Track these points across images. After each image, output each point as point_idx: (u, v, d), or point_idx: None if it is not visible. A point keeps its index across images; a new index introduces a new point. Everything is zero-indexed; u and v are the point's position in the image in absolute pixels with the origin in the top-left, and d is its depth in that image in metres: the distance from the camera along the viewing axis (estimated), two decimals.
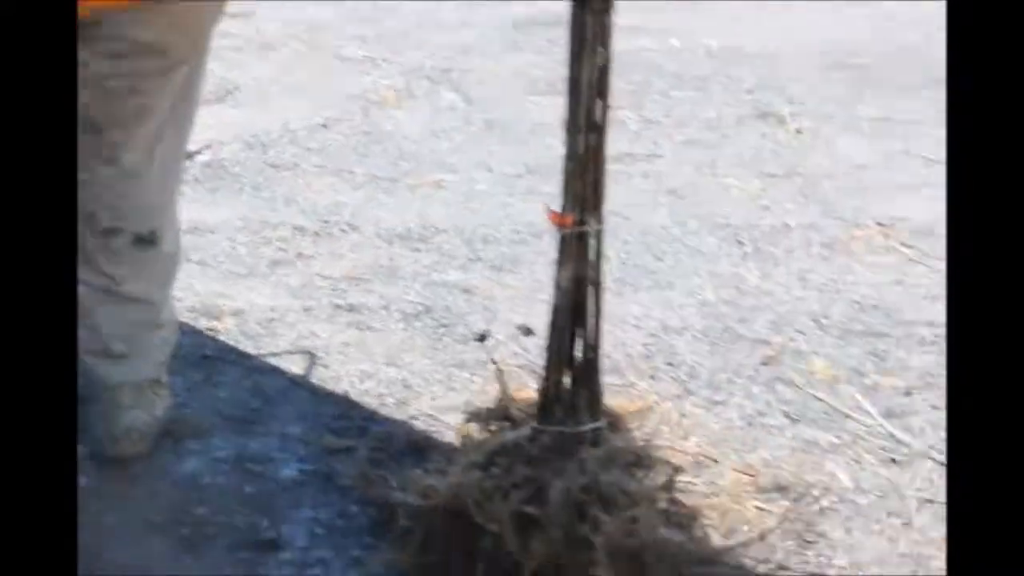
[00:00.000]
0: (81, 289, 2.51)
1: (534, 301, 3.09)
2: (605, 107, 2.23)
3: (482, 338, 2.93)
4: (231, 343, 2.87)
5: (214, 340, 2.87)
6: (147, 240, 2.48)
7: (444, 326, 2.97)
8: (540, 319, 2.99)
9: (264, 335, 2.91)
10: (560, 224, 2.24)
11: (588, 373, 2.28)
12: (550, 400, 2.28)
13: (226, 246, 3.30)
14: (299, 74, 4.52)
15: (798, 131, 4.10)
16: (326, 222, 3.45)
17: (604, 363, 2.74)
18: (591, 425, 2.26)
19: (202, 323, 2.93)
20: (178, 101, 2.43)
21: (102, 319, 2.50)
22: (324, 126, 4.09)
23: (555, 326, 2.29)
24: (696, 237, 3.40)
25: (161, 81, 2.36)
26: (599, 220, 2.24)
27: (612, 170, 3.79)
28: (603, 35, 2.21)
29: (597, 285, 2.28)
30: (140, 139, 2.39)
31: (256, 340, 2.88)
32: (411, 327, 2.97)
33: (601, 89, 2.22)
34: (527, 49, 4.88)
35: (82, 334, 2.54)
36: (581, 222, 2.23)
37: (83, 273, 2.50)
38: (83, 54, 2.30)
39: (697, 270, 3.22)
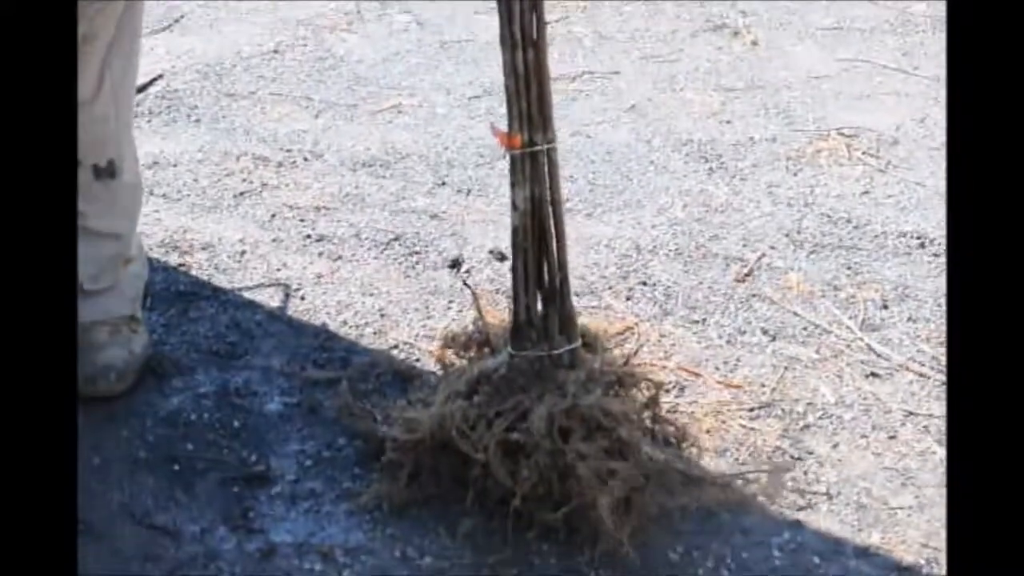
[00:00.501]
0: None
1: (503, 225, 3.08)
2: (541, 21, 2.18)
3: (455, 264, 2.92)
4: (204, 278, 2.84)
5: (186, 275, 2.84)
6: (106, 171, 2.46)
7: (416, 253, 2.96)
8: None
9: (236, 268, 2.88)
10: (509, 146, 2.20)
11: (558, 295, 2.27)
12: (523, 325, 2.27)
13: (188, 179, 3.26)
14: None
15: (754, 43, 4.09)
16: (288, 151, 3.41)
17: (579, 285, 2.77)
18: (567, 347, 2.25)
19: (173, 258, 2.90)
20: (122, 26, 2.39)
21: None
22: (276, 52, 4.03)
23: (516, 248, 2.26)
24: (661, 154, 3.40)
25: (100, 4, 2.32)
26: (549, 138, 2.20)
27: (571, 89, 3.82)
28: None
29: (556, 204, 2.23)
30: (88, 68, 2.36)
31: (229, 274, 2.86)
32: (383, 256, 2.95)
33: (535, 2, 2.15)
34: None
35: None
36: (531, 142, 2.20)
37: None
38: None
39: (665, 188, 3.22)
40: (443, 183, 3.27)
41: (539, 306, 2.25)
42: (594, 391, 2.24)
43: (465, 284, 2.61)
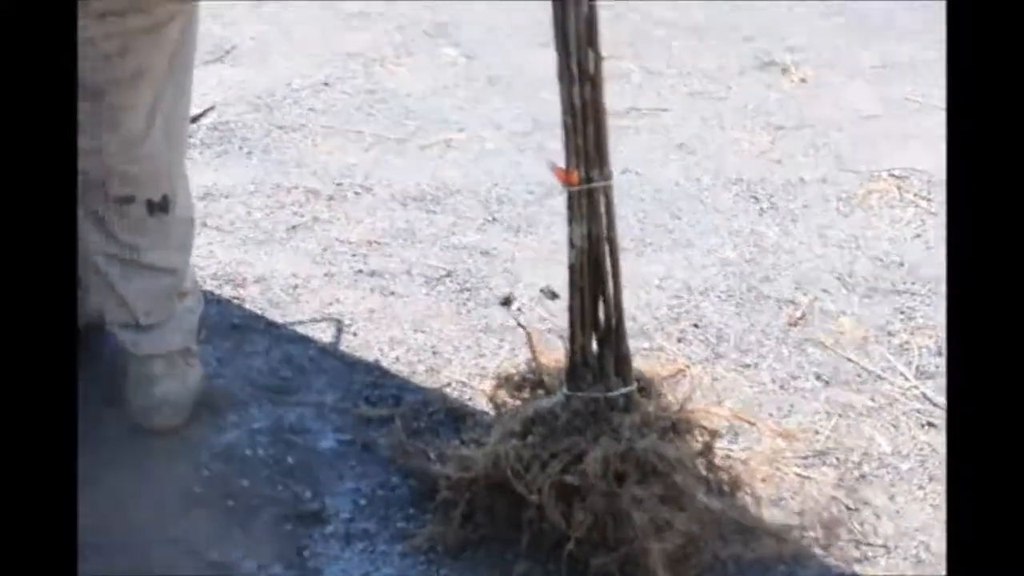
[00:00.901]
0: (103, 261, 2.50)
1: (554, 262, 3.09)
2: (597, 57, 2.19)
3: (506, 302, 2.93)
4: (257, 311, 2.86)
5: (240, 308, 2.86)
6: (160, 206, 2.47)
7: (467, 290, 2.97)
8: (562, 281, 3.00)
9: (289, 302, 2.90)
10: (567, 182, 2.21)
11: (614, 336, 2.27)
12: (578, 365, 2.27)
13: (241, 211, 3.28)
14: (295, 31, 4.47)
15: (802, 80, 4.10)
16: (339, 184, 3.43)
17: (631, 326, 2.76)
18: (622, 390, 2.25)
19: (226, 291, 2.92)
20: (174, 61, 2.41)
21: (127, 290, 2.50)
22: (327, 84, 4.06)
23: (573, 286, 2.26)
24: (711, 193, 3.40)
25: (152, 39, 2.34)
26: (606, 175, 2.21)
27: (620, 125, 3.83)
28: None
29: (612, 242, 2.23)
30: (140, 102, 2.38)
31: (282, 308, 2.88)
32: (434, 292, 2.96)
33: (591, 37, 2.17)
34: (515, 1, 4.84)
35: (109, 307, 2.54)
36: (588, 179, 2.21)
37: (104, 245, 2.48)
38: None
39: (715, 228, 3.22)
40: (493, 219, 3.28)
41: (595, 346, 2.25)
42: (649, 435, 2.24)
43: (519, 324, 2.61)
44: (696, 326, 2.81)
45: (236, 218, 3.24)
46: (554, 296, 2.94)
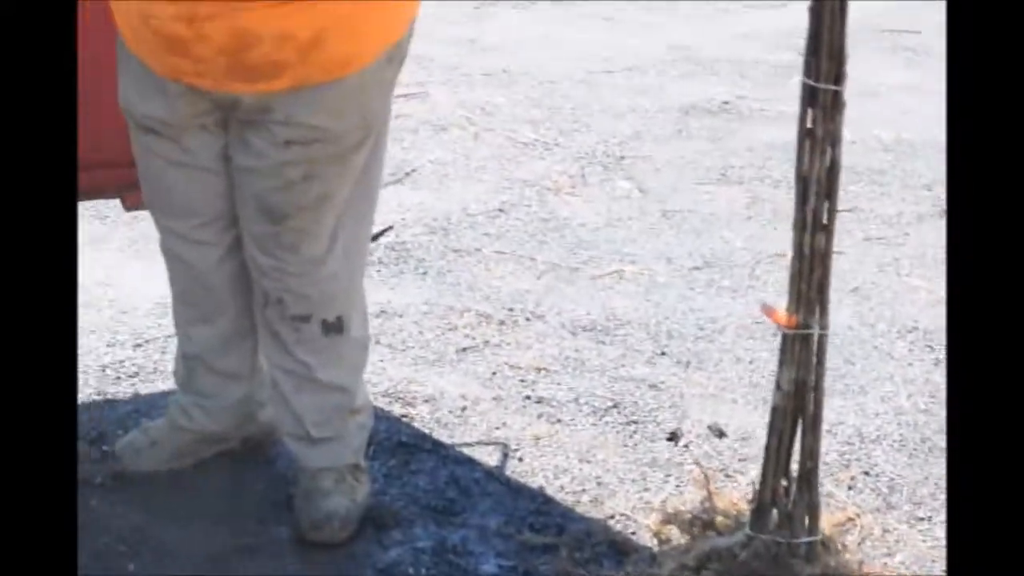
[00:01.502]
0: (279, 374, 2.55)
1: (722, 400, 3.08)
2: (833, 208, 2.23)
3: (673, 437, 2.91)
4: (425, 430, 2.89)
5: (409, 427, 2.89)
6: (335, 327, 2.51)
7: (634, 423, 2.96)
8: (730, 419, 2.99)
9: (457, 424, 2.92)
10: (785, 324, 2.24)
11: (807, 482, 2.26)
12: (767, 506, 2.26)
13: (414, 331, 3.33)
14: (474, 156, 4.57)
15: None
16: (510, 310, 3.46)
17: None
18: (807, 539, 2.23)
19: (396, 408, 2.96)
20: (358, 186, 2.45)
21: (299, 404, 2.54)
22: (501, 211, 4.13)
23: (774, 428, 2.27)
24: (885, 340, 3.35)
25: (338, 167, 2.39)
26: (824, 324, 2.24)
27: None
28: (833, 133, 2.21)
29: (819, 391, 2.27)
30: (323, 227, 2.43)
31: (450, 428, 2.90)
32: (601, 422, 2.96)
33: (829, 189, 2.22)
34: (695, 136, 4.88)
35: (283, 419, 2.59)
36: (805, 324, 2.23)
37: (280, 359, 2.54)
38: (258, 142, 2.35)
39: (890, 375, 3.17)
40: (663, 353, 3.28)
41: (785, 490, 2.24)
42: None
43: (696, 463, 2.60)
44: (867, 474, 2.75)
45: (408, 337, 3.29)
46: (722, 434, 2.92)
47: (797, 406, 2.25)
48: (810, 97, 2.19)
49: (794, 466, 2.29)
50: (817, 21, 2.15)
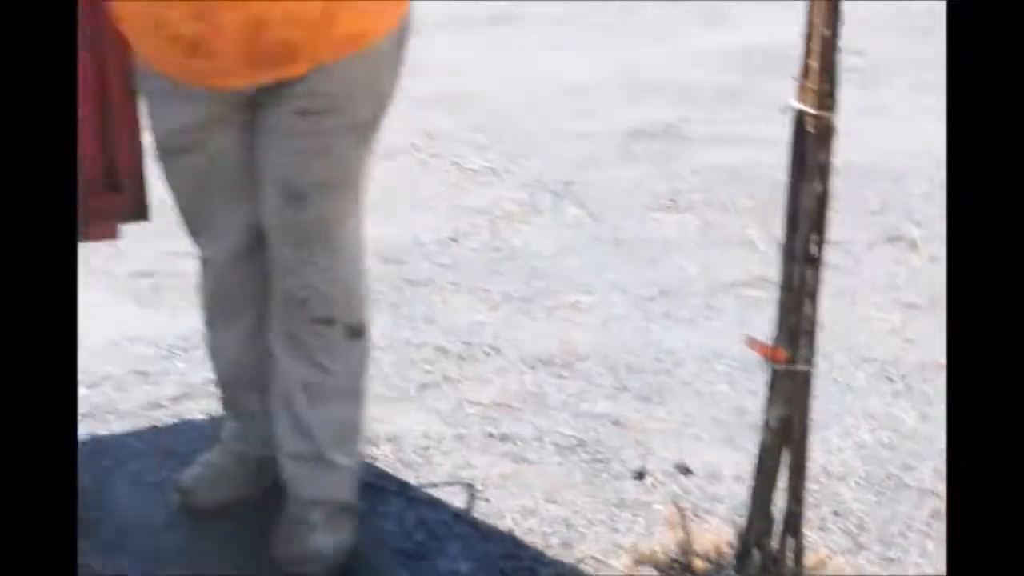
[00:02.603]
0: (292, 388, 2.49)
1: (685, 437, 3.06)
2: (821, 240, 2.21)
3: (640, 475, 2.89)
4: (390, 470, 2.85)
5: (373, 467, 2.85)
6: (357, 332, 2.49)
7: (600, 461, 2.94)
8: (695, 456, 2.97)
9: (421, 463, 2.89)
10: (772, 358, 2.21)
11: (792, 523, 2.25)
12: (751, 548, 2.24)
13: (372, 367, 3.28)
14: (422, 184, 4.54)
15: (931, 258, 4.06)
16: (468, 344, 3.43)
17: None
18: None
19: None
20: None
21: (314, 421, 2.49)
22: (454, 240, 4.10)
23: (762, 467, 2.25)
24: (843, 372, 3.36)
25: (352, 141, 2.40)
26: (811, 360, 2.21)
27: (746, 295, 3.81)
28: (824, 165, 2.19)
29: (804, 428, 2.25)
30: (343, 214, 2.42)
31: (414, 468, 2.87)
32: (567, 461, 2.94)
33: (819, 219, 2.20)
34: (643, 160, 4.88)
35: (290, 439, 2.52)
36: (793, 360, 2.20)
37: (298, 370, 2.48)
38: (273, 117, 2.36)
39: (850, 409, 3.17)
40: (624, 387, 3.26)
41: (770, 531, 2.23)
42: None
43: (675, 504, 2.58)
44: (836, 514, 2.75)
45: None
46: (687, 472, 2.90)
47: (783, 444, 2.23)
48: (801, 124, 2.17)
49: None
50: (808, 46, 2.13)
